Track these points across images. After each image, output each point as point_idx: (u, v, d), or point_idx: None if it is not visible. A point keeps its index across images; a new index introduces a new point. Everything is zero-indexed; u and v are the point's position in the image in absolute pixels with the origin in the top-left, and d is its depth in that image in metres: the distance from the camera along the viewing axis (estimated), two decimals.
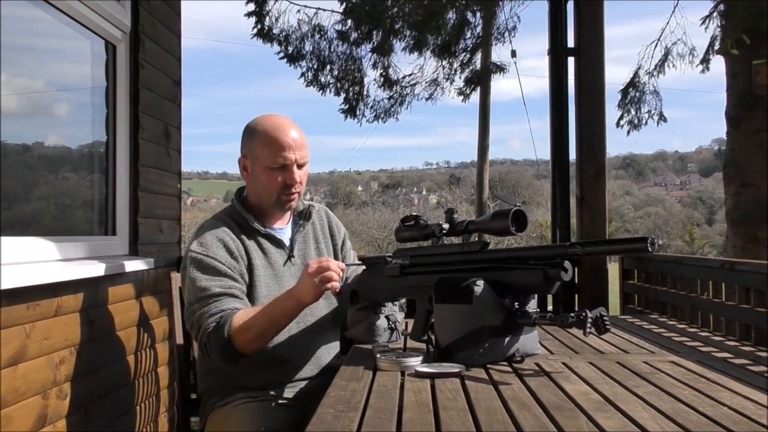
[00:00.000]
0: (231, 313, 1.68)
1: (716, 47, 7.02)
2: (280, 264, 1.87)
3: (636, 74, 8.04)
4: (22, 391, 1.78)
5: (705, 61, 7.37)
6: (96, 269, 2.20)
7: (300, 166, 1.85)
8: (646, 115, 8.16)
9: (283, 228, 1.94)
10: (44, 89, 2.45)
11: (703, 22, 6.97)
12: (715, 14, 6.73)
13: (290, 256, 1.90)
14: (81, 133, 2.69)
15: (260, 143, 1.84)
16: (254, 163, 1.85)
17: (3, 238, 1.86)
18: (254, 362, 1.78)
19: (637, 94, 8.09)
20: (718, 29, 6.80)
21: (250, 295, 1.81)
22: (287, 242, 1.91)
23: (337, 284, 1.67)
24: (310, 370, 1.86)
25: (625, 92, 8.01)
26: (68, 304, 2.03)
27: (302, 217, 1.96)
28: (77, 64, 2.63)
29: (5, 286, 1.67)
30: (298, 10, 8.67)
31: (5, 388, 1.70)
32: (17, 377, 1.76)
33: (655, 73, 7.90)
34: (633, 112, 8.11)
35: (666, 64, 7.78)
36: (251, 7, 8.33)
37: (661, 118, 8.19)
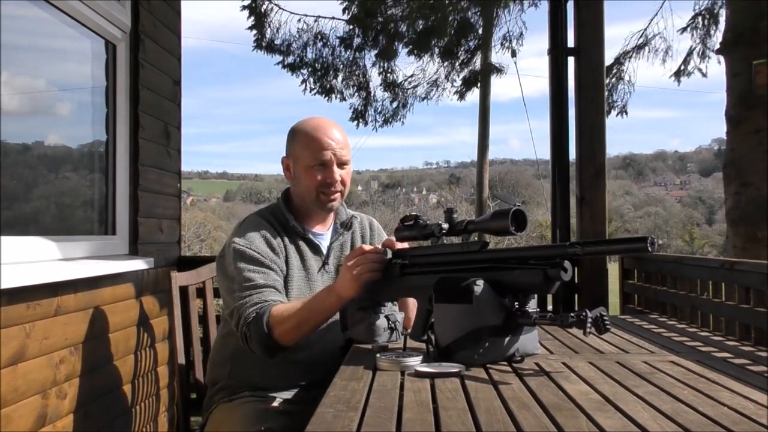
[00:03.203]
0: (271, 304, 1.70)
1: (690, 64, 7.02)
2: (314, 269, 1.89)
3: (617, 60, 8.02)
4: (22, 390, 1.78)
5: (678, 74, 7.37)
6: (96, 269, 2.20)
7: (341, 165, 1.87)
8: (619, 101, 8.13)
9: (323, 234, 1.96)
10: (44, 89, 2.45)
11: (682, 32, 6.96)
12: (693, 26, 6.72)
13: (324, 263, 1.91)
14: (81, 132, 2.69)
15: (301, 143, 1.88)
16: (296, 164, 1.89)
17: (3, 237, 1.86)
18: (277, 363, 1.78)
19: (613, 80, 8.06)
20: (697, 41, 6.80)
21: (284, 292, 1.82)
22: (324, 249, 1.93)
23: (376, 274, 1.64)
24: (321, 374, 1.85)
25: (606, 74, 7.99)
26: (68, 304, 2.03)
27: (343, 226, 1.98)
28: (77, 63, 2.63)
29: (5, 285, 1.67)
30: (299, 19, 8.69)
31: (5, 387, 1.70)
32: (17, 377, 1.76)
33: (631, 59, 7.88)
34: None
35: (642, 49, 7.76)
36: (252, 19, 8.37)
37: (623, 111, 8.17)
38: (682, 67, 7.25)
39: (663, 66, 7.79)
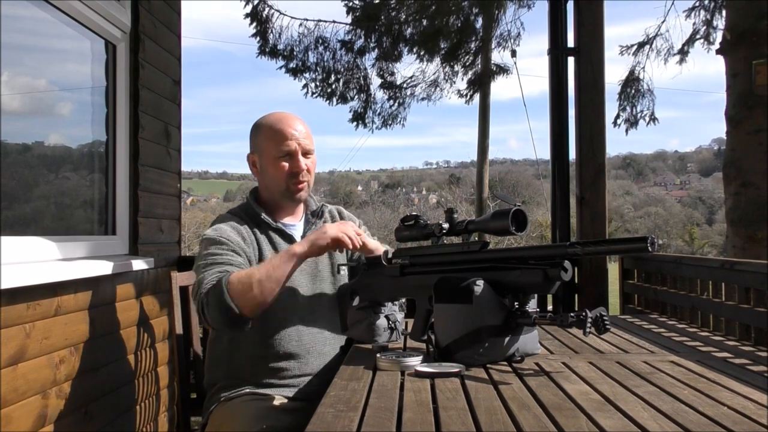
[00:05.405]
0: (232, 272, 1.70)
1: (696, 39, 7.07)
2: None
3: (633, 69, 8.05)
4: (22, 390, 1.78)
5: (682, 52, 7.41)
6: (96, 269, 2.20)
7: (305, 154, 1.90)
8: (642, 113, 8.19)
9: (294, 225, 1.98)
10: (45, 89, 2.45)
11: (688, 16, 7.00)
12: (698, 6, 6.76)
13: None
14: (81, 132, 2.69)
15: (265, 137, 1.91)
16: (261, 157, 1.92)
17: (3, 237, 1.86)
18: (260, 355, 1.81)
19: (634, 90, 8.11)
20: (702, 25, 6.84)
21: None
22: (298, 239, 1.94)
23: (349, 243, 1.73)
24: (316, 365, 1.87)
25: (624, 87, 8.02)
26: (68, 304, 2.03)
27: (315, 215, 2.01)
28: (77, 63, 2.63)
29: (5, 285, 1.67)
30: (300, 24, 8.73)
31: (5, 387, 1.70)
32: (17, 377, 1.76)
33: (642, 61, 7.91)
34: (629, 110, 8.13)
35: (644, 46, 7.80)
36: (255, 26, 8.42)
37: (653, 118, 8.20)
38: (686, 47, 7.29)
39: (665, 66, 7.85)
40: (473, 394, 1.18)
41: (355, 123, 9.48)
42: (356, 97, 9.28)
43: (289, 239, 1.92)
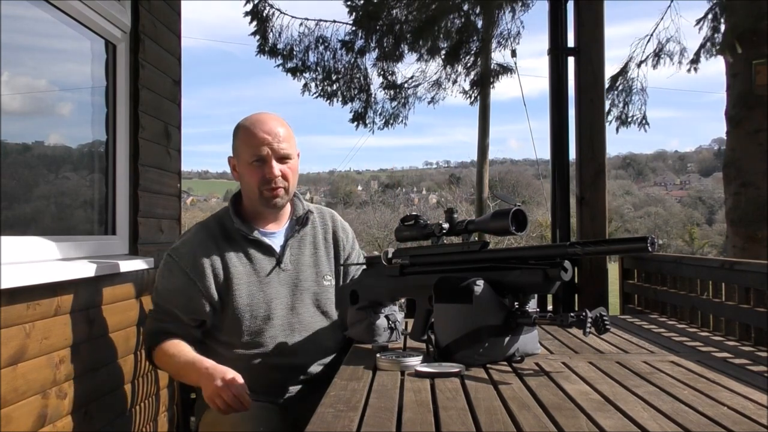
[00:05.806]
0: (163, 340, 1.82)
1: (707, 48, 7.10)
2: (266, 271, 1.84)
3: (626, 66, 8.04)
4: (22, 390, 1.78)
5: (694, 61, 7.44)
6: (96, 269, 2.20)
7: (281, 160, 1.81)
8: (637, 113, 8.16)
9: (275, 232, 1.90)
10: (45, 89, 2.45)
11: (697, 24, 7.02)
12: (709, 17, 6.78)
13: (279, 263, 1.86)
14: (81, 132, 2.69)
15: (240, 140, 1.85)
16: (238, 162, 1.87)
17: (3, 237, 1.86)
18: (245, 367, 1.77)
19: (626, 88, 8.08)
20: (710, 31, 6.87)
21: (229, 302, 1.80)
22: (277, 248, 1.87)
23: (226, 411, 1.65)
24: (297, 377, 1.85)
25: (613, 81, 7.99)
26: (68, 304, 2.03)
27: (299, 222, 1.92)
28: (77, 63, 2.63)
29: (5, 285, 1.67)
30: (300, 23, 8.74)
31: (5, 387, 1.69)
32: (17, 376, 1.76)
33: (644, 65, 7.91)
34: (621, 107, 8.10)
35: (660, 56, 7.81)
36: (254, 24, 8.44)
37: (643, 122, 8.15)
38: (700, 55, 7.31)
39: (678, 67, 7.82)
40: (473, 394, 1.18)
41: (355, 123, 9.49)
42: (357, 97, 9.28)
43: (267, 250, 1.85)
